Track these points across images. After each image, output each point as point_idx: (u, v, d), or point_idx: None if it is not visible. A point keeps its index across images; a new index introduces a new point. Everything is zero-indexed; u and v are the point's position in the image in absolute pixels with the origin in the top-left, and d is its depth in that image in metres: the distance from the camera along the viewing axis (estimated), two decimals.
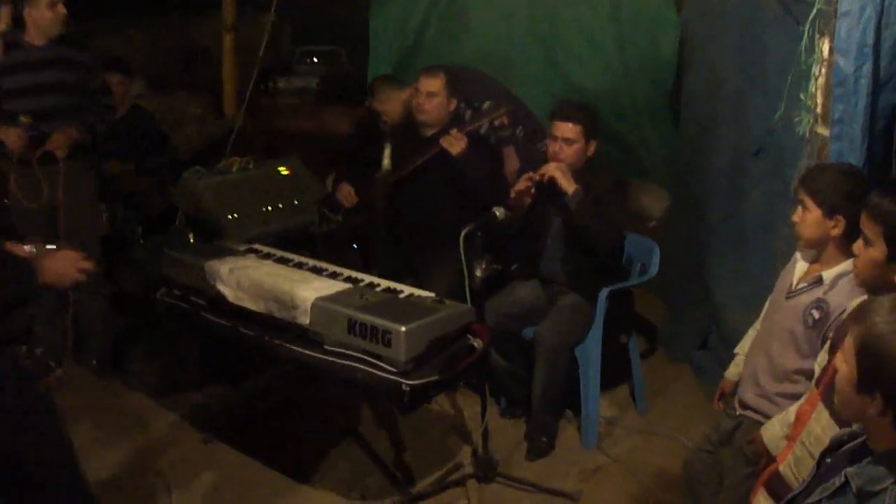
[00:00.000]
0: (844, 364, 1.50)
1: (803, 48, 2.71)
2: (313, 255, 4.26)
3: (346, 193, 4.27)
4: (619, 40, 5.09)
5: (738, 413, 2.52)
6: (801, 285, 2.38)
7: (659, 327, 4.60)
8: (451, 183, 3.92)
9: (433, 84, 4.00)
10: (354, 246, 4.47)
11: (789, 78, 2.72)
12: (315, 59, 9.50)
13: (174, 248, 3.45)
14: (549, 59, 5.30)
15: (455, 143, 3.79)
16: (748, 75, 3.93)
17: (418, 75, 4.12)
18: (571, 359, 3.48)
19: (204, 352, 4.16)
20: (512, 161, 4.51)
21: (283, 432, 3.72)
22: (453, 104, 4.07)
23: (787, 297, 2.41)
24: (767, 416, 2.38)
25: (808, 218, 2.33)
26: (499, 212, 3.20)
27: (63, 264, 2.28)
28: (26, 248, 2.30)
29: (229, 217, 3.91)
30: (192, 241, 3.96)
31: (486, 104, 4.30)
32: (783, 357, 2.39)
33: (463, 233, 3.00)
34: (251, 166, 4.23)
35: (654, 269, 3.69)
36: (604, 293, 3.49)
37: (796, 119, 2.73)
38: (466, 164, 3.82)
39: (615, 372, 3.84)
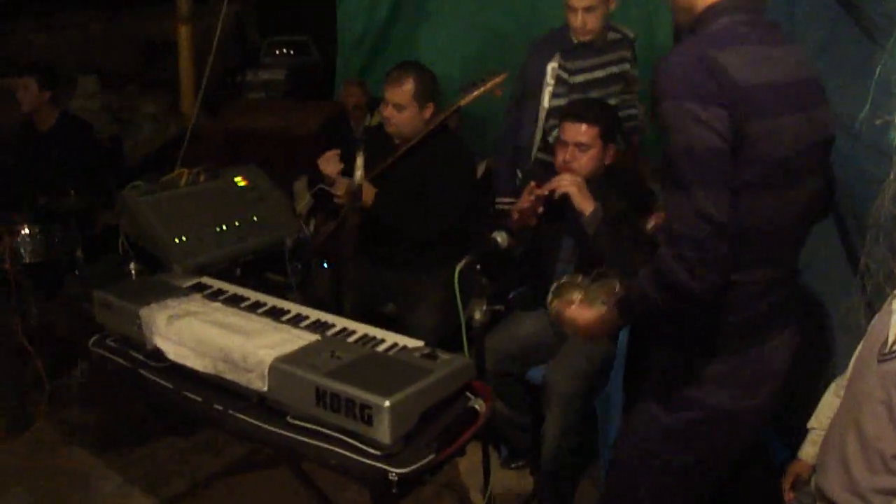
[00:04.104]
0: None
1: None
2: (281, 278, 3.76)
3: (330, 159, 3.53)
4: None
5: None
6: None
7: None
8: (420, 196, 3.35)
9: (398, 95, 3.28)
10: (325, 265, 3.93)
11: (878, 68, 2.12)
12: (284, 51, 8.86)
13: (104, 287, 2.83)
14: None
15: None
16: None
17: (385, 81, 3.38)
18: (589, 405, 2.90)
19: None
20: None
21: (252, 495, 3.16)
22: (429, 110, 3.32)
23: (882, 360, 1.83)
24: None
25: None
26: (500, 237, 2.56)
27: None
28: None
29: (176, 241, 3.33)
30: (133, 272, 3.38)
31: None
32: (880, 439, 1.80)
33: (457, 268, 2.41)
34: (202, 178, 3.65)
35: None
36: (627, 327, 2.87)
37: (878, 121, 2.13)
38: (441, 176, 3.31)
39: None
